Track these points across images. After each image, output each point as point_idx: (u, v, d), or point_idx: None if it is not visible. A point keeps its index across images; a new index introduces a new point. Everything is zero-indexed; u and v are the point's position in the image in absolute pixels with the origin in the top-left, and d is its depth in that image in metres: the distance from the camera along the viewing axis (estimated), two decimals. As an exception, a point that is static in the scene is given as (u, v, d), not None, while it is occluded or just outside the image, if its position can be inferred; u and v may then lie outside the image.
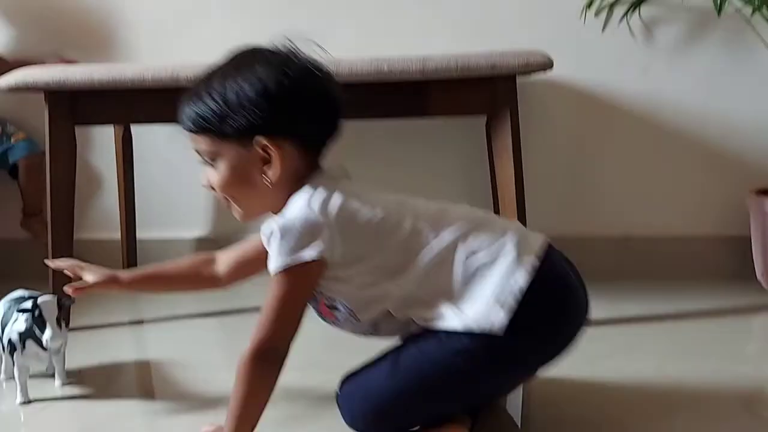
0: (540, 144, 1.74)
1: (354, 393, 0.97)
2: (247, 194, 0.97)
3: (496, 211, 1.68)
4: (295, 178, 0.95)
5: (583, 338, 0.98)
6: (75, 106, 1.50)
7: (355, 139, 1.85)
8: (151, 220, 1.92)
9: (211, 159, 0.97)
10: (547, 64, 1.40)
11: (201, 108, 0.95)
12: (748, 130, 1.73)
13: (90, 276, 1.12)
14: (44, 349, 1.13)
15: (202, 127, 0.96)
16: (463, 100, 1.42)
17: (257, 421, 0.96)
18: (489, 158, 1.71)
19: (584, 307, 0.99)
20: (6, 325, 1.17)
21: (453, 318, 0.92)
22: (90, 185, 1.89)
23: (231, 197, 0.98)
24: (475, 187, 1.80)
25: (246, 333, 0.95)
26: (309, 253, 0.90)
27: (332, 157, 0.96)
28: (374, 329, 1.00)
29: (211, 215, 1.93)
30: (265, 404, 0.95)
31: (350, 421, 0.97)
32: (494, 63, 1.36)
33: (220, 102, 0.93)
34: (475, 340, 0.91)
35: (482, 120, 1.73)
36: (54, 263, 1.16)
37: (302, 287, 0.93)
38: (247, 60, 0.95)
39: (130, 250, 1.85)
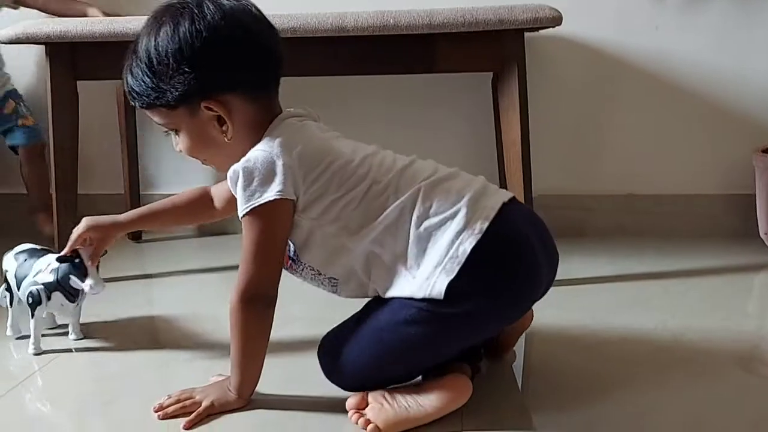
0: (546, 101, 1.73)
1: (327, 353, 0.99)
2: (214, 153, 0.99)
3: (501, 169, 1.68)
4: (254, 127, 0.96)
5: (587, 293, 0.98)
6: (76, 59, 1.49)
7: (357, 95, 1.84)
8: (156, 176, 1.92)
9: (171, 129, 0.98)
10: (557, 20, 1.37)
11: (138, 84, 0.95)
12: (757, 88, 1.71)
13: (95, 233, 1.14)
14: (72, 301, 1.15)
15: (147, 103, 0.96)
16: (470, 55, 1.40)
17: (259, 367, 0.98)
18: (494, 115, 1.70)
19: (542, 267, 0.96)
20: (23, 278, 1.17)
21: (404, 285, 0.92)
22: (93, 140, 1.88)
23: (202, 159, 1.00)
24: (479, 144, 1.79)
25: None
26: (270, 193, 0.91)
27: (333, 110, 0.95)
28: (334, 288, 1.00)
29: (212, 172, 1.92)
30: (262, 348, 0.97)
31: (327, 377, 1.00)
32: (502, 17, 1.34)
33: (150, 75, 0.94)
34: (422, 308, 0.91)
35: (488, 76, 1.71)
36: (66, 250, 1.15)
37: (272, 227, 0.93)
38: (160, 21, 0.94)
39: (134, 205, 1.85)
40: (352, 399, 0.96)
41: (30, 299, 1.15)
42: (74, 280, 1.13)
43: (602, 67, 1.74)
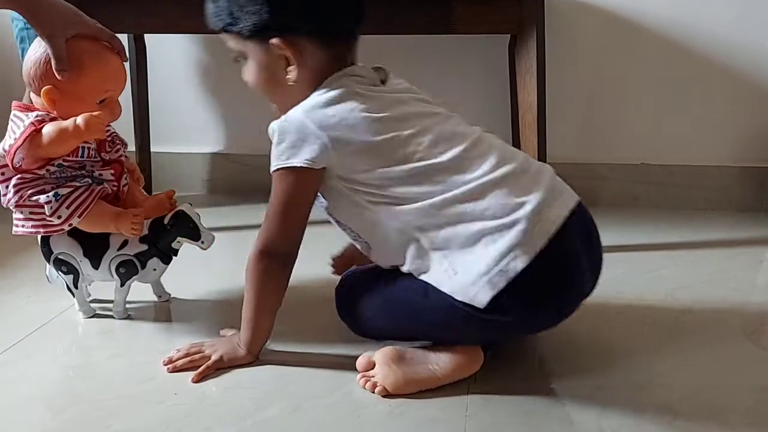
0: (563, 66, 1.70)
1: (346, 298, 1.01)
2: (275, 93, 0.97)
3: (516, 134, 1.66)
4: (320, 75, 0.94)
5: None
6: (88, 12, 1.46)
7: (370, 55, 1.81)
8: (165, 134, 1.91)
9: (241, 57, 0.97)
10: (577, -18, 1.34)
11: (216, 6, 0.95)
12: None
13: None
14: (166, 263, 1.14)
15: (221, 26, 0.95)
16: (489, 17, 1.37)
17: (270, 323, 0.98)
18: (510, 79, 1.68)
19: (586, 284, 0.94)
20: (96, 256, 1.12)
21: (442, 279, 0.89)
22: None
23: (264, 95, 0.98)
24: (494, 107, 1.77)
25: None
26: (297, 159, 0.90)
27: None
28: (368, 252, 0.99)
29: (224, 131, 1.91)
30: (274, 306, 0.97)
31: (340, 317, 1.01)
32: (522, -22, 1.31)
33: (230, 2, 0.93)
34: (458, 307, 0.88)
35: (505, 39, 1.68)
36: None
37: (296, 190, 0.92)
38: None
39: (143, 162, 1.85)
40: (362, 359, 0.97)
41: (122, 270, 1.12)
42: (185, 240, 1.12)
43: (620, 34, 1.71)
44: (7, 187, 1.07)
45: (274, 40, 0.92)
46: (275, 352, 1.03)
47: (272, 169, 0.92)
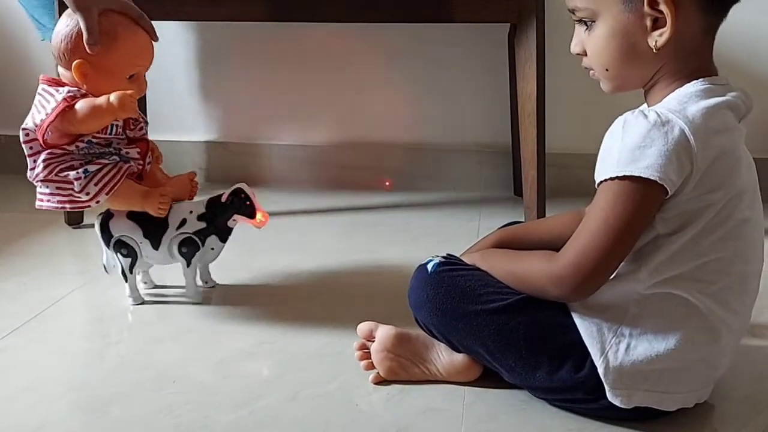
0: (563, 56, 1.69)
1: (424, 285, 0.89)
2: (624, 63, 0.81)
3: (515, 125, 1.65)
4: (685, 53, 0.79)
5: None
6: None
7: (369, 44, 1.80)
8: (161, 122, 1.90)
9: (588, 19, 0.82)
10: (578, -29, 1.33)
11: None
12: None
13: None
14: (223, 241, 1.13)
15: None
16: (489, 5, 1.36)
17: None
18: (509, 69, 1.67)
19: None
20: (156, 236, 1.11)
21: (596, 353, 0.80)
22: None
23: (603, 65, 0.83)
24: (494, 97, 1.76)
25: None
26: (651, 171, 0.74)
27: (345, 59, 0.90)
28: None
29: (220, 119, 1.90)
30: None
31: (409, 295, 0.92)
32: (523, -33, 1.30)
33: None
34: (582, 383, 0.81)
35: (504, 28, 1.67)
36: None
37: (634, 208, 0.76)
38: None
39: (141, 150, 1.84)
40: (364, 326, 0.96)
41: (184, 249, 1.12)
42: (241, 218, 1.12)
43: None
44: (35, 161, 1.06)
45: None
46: (272, 340, 1.03)
47: (613, 173, 0.76)
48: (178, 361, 0.99)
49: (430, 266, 0.90)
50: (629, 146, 0.75)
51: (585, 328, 0.81)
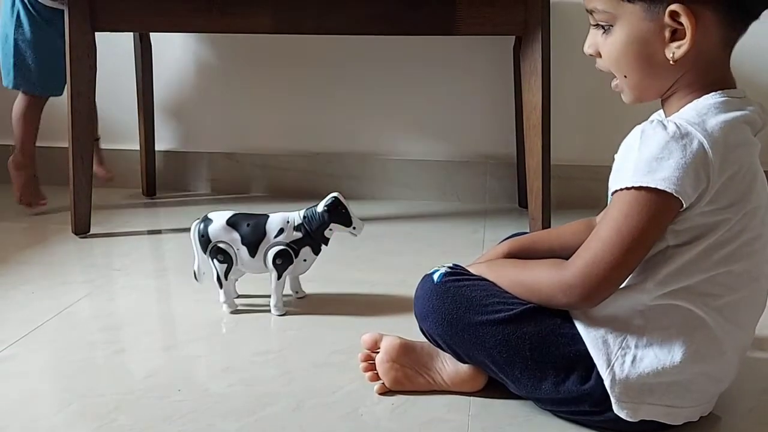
0: (568, 68, 1.70)
1: (430, 294, 0.88)
2: (641, 72, 0.80)
3: (520, 136, 1.66)
4: (704, 65, 0.78)
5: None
6: (95, 10, 1.47)
7: (374, 56, 1.82)
8: (170, 133, 1.91)
9: (606, 23, 0.81)
10: (583, -16, 1.34)
11: None
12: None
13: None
14: (317, 253, 1.14)
15: None
16: (493, 18, 1.37)
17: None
18: (515, 80, 1.68)
19: None
20: (256, 243, 1.12)
21: (602, 365, 0.80)
22: (109, 94, 1.88)
23: (620, 72, 0.82)
24: (499, 108, 1.77)
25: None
26: (668, 184, 0.73)
27: (351, 71, 0.91)
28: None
29: (229, 130, 1.92)
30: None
31: (414, 305, 0.91)
32: (527, -20, 1.31)
33: None
34: (588, 395, 0.81)
35: (509, 40, 1.68)
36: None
37: (648, 219, 0.75)
38: None
39: (149, 161, 1.86)
40: (368, 337, 0.96)
41: (278, 260, 1.12)
42: (338, 227, 1.13)
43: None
44: None
45: (674, 6, 0.75)
46: (276, 349, 1.03)
47: (629, 183, 0.76)
48: (183, 369, 0.99)
49: (435, 276, 0.90)
50: (647, 157, 0.75)
51: (590, 339, 0.81)
